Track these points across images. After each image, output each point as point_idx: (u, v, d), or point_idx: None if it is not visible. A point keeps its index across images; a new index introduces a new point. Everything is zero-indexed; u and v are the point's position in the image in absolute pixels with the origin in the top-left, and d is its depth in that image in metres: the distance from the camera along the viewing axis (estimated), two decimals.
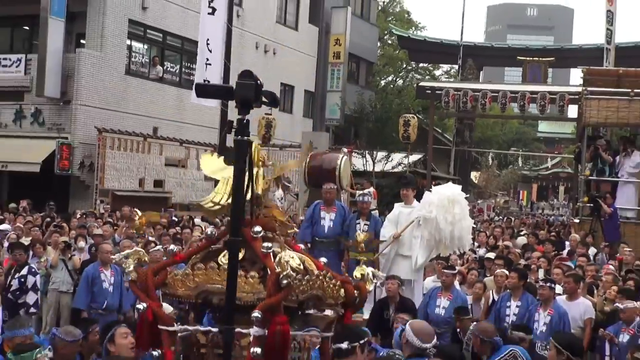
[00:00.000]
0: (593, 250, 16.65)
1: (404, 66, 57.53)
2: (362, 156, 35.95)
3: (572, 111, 31.82)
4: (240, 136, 3.28)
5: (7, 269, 11.75)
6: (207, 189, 6.46)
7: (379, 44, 53.61)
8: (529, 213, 50.84)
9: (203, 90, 4.91)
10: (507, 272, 10.73)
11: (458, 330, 9.37)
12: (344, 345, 6.13)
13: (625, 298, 9.92)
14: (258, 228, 6.25)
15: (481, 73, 46.57)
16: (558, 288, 10.46)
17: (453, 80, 45.75)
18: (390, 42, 55.85)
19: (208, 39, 21.39)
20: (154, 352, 6.59)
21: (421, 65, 57.94)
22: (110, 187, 26.81)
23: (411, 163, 37.07)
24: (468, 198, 13.17)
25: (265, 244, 6.33)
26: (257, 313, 5.78)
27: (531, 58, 39.16)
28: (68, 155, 26.79)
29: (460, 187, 12.11)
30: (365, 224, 12.10)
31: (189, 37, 27.44)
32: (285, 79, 36.07)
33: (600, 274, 12.73)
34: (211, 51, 20.42)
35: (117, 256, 6.82)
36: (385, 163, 36.07)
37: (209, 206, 6.34)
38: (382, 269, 11.50)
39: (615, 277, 11.99)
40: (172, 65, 31.26)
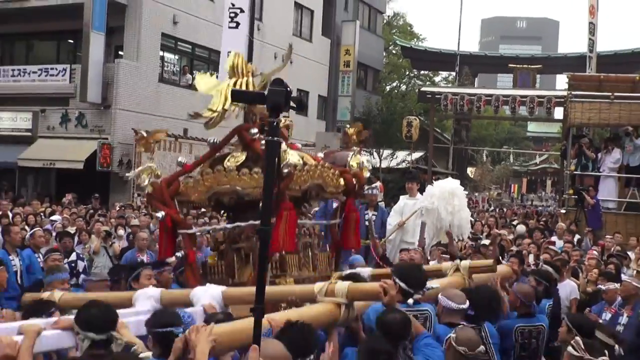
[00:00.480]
0: (577, 237, 16.62)
1: (407, 73, 57.40)
2: (370, 154, 35.97)
3: (558, 113, 31.77)
4: (271, 137, 3.27)
5: None
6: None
7: (385, 54, 53.52)
8: (520, 204, 50.69)
9: (238, 95, 4.91)
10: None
11: None
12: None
13: (606, 280, 9.89)
14: (254, 130, 6.24)
15: (476, 79, 46.33)
16: None
17: (451, 85, 45.61)
18: (394, 52, 55.70)
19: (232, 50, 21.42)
20: (178, 254, 6.61)
21: (422, 72, 57.74)
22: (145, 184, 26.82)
23: (414, 160, 37.17)
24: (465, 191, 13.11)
25: (252, 131, 6.33)
26: None
27: (521, 65, 39.09)
28: (108, 154, 26.86)
29: (458, 182, 12.08)
30: (373, 214, 12.09)
31: (215, 49, 27.36)
32: (300, 85, 35.94)
33: (584, 259, 12.71)
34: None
35: (132, 173, 6.86)
36: (390, 160, 36.09)
37: (208, 114, 6.34)
38: (389, 254, 11.52)
39: (597, 262, 11.99)
40: (201, 72, 31.24)
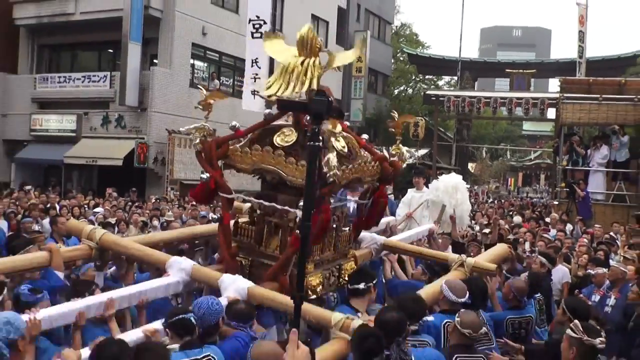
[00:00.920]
0: (569, 226, 16.57)
1: (413, 78, 57.21)
2: (380, 151, 35.97)
3: (551, 113, 31.64)
4: (313, 142, 3.26)
5: None
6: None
7: (393, 61, 53.41)
8: (516, 196, 50.60)
9: (285, 104, 4.93)
10: None
11: None
12: (361, 285, 6.03)
13: (595, 265, 9.90)
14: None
15: (476, 83, 46.05)
16: None
17: (453, 89, 45.41)
18: (402, 59, 55.52)
19: (257, 58, 21.45)
20: (203, 176, 6.58)
21: (427, 77, 57.55)
22: (178, 178, 26.92)
23: (420, 156, 37.05)
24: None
25: (309, 117, 6.18)
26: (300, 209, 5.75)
27: (516, 70, 38.99)
28: (144, 152, 26.93)
29: (461, 177, 12.06)
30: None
31: (240, 57, 27.34)
32: None
33: (575, 246, 12.67)
34: (260, 67, 20.44)
35: (186, 128, 6.78)
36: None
37: (267, 95, 6.25)
38: None
39: (587, 248, 11.96)
40: (227, 79, 31.28)
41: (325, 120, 3.54)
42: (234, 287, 5.69)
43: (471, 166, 52.32)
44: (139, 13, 26.84)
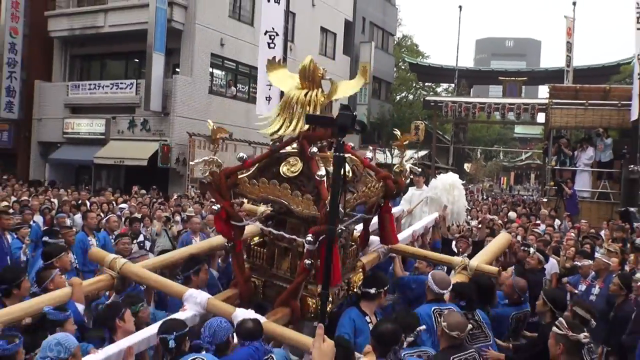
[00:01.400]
0: (558, 221, 16.54)
1: (414, 85, 57.22)
2: (383, 152, 36.17)
3: (541, 117, 31.49)
4: (338, 153, 3.29)
5: None
6: None
7: (395, 69, 53.39)
8: (508, 194, 50.37)
9: (312, 119, 4.96)
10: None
11: None
12: (373, 290, 6.01)
13: (582, 257, 9.90)
14: (314, 149, 6.02)
15: (471, 90, 46.02)
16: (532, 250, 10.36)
17: (450, 95, 45.37)
18: (403, 68, 55.53)
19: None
20: (227, 244, 6.52)
21: (427, 84, 57.47)
22: (198, 177, 26.93)
23: (420, 157, 37.07)
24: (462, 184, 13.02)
25: (312, 150, 6.08)
26: (310, 237, 5.69)
27: (509, 78, 38.98)
28: (167, 153, 26.98)
29: (457, 176, 12.03)
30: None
31: (255, 66, 27.30)
32: None
33: (563, 240, 12.65)
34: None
35: (195, 162, 6.68)
36: (400, 157, 35.99)
37: (270, 133, 6.17)
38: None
39: (574, 242, 11.93)
40: (243, 86, 31.29)
41: (348, 132, 3.55)
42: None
43: (467, 166, 52.19)
44: (163, 26, 26.91)
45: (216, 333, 4.82)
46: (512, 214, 19.08)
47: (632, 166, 17.67)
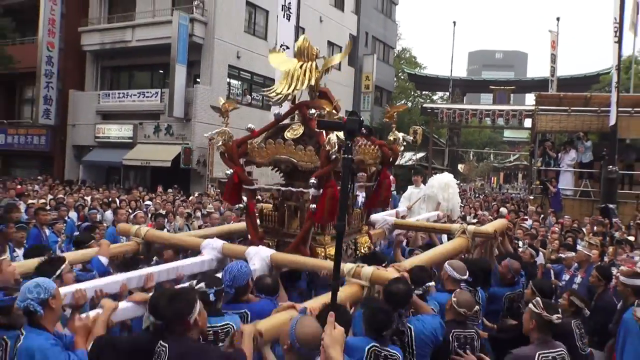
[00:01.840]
0: (543, 217, 16.52)
1: (412, 93, 57.10)
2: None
3: (528, 123, 31.39)
4: (346, 155, 3.32)
5: None
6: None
7: (395, 79, 53.31)
8: (498, 192, 50.22)
9: (324, 124, 5.05)
10: None
11: None
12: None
13: (566, 250, 9.86)
14: (312, 110, 6.14)
15: (464, 98, 45.87)
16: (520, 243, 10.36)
17: (445, 102, 45.24)
18: (402, 78, 55.40)
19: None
20: (239, 205, 6.57)
21: (424, 92, 57.31)
22: (217, 176, 26.97)
23: (418, 158, 37.02)
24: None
25: (311, 111, 6.21)
26: (314, 179, 5.73)
27: (498, 87, 38.83)
28: (189, 155, 27.06)
29: (452, 176, 12.04)
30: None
31: (268, 76, 27.39)
32: None
33: (548, 234, 12.63)
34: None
35: (209, 134, 6.78)
36: (400, 159, 35.86)
37: (273, 95, 6.27)
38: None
39: (559, 236, 11.91)
40: (257, 95, 31.33)
41: (356, 136, 3.59)
42: (259, 256, 5.64)
43: (461, 167, 52.06)
44: (185, 40, 26.99)
45: (236, 277, 4.79)
46: (504, 210, 19.05)
47: (611, 167, 17.64)
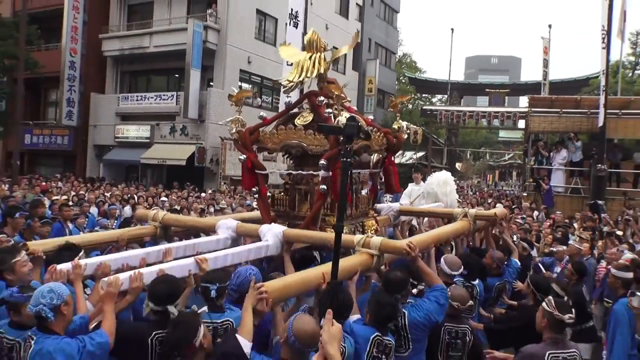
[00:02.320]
0: (536, 212, 16.45)
1: (413, 96, 57.03)
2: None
3: (521, 124, 31.40)
4: (345, 159, 3.29)
5: None
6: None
7: (397, 82, 53.25)
8: (494, 189, 50.10)
9: (324, 128, 5.14)
10: None
11: None
12: None
13: (558, 244, 9.82)
14: (321, 97, 6.12)
15: (462, 100, 45.90)
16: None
17: (444, 105, 45.19)
18: (403, 81, 55.39)
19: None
20: (253, 189, 6.53)
21: (424, 95, 57.33)
22: (229, 174, 27.00)
23: (418, 157, 36.94)
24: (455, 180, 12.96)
25: (319, 98, 6.20)
26: (323, 161, 5.69)
27: (494, 90, 38.78)
28: (203, 154, 27.07)
29: (450, 173, 11.99)
30: (390, 197, 12.02)
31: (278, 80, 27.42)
32: None
33: (541, 228, 12.58)
34: (290, 97, 20.39)
35: (224, 121, 6.77)
36: (401, 158, 35.91)
37: (286, 83, 6.25)
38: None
39: (550, 230, 11.85)
40: (267, 97, 31.33)
41: (354, 140, 3.56)
42: (272, 232, 5.54)
43: (458, 165, 51.96)
44: (199, 46, 27.01)
45: (243, 283, 4.54)
46: (499, 206, 19.03)
47: (600, 165, 17.55)
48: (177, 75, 29.84)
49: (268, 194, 6.72)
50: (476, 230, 7.17)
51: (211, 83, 28.73)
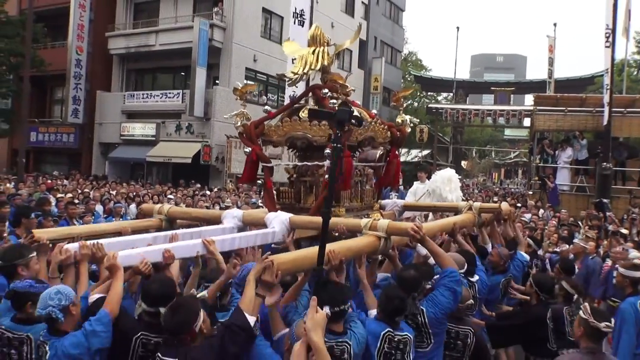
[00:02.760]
0: (541, 211, 16.40)
1: (418, 94, 56.86)
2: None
3: (527, 122, 31.21)
4: (336, 144, 3.27)
5: None
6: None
7: (402, 81, 53.13)
8: (499, 187, 50.00)
9: (314, 112, 5.04)
10: None
11: None
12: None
13: (563, 242, 9.80)
14: (325, 90, 6.13)
15: (467, 98, 45.60)
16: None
17: (450, 103, 45.09)
18: (409, 79, 55.20)
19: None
20: (259, 181, 6.53)
21: (429, 93, 57.14)
22: (234, 172, 27.01)
23: (423, 155, 36.94)
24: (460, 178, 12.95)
25: (324, 90, 6.21)
26: (328, 150, 5.68)
27: (499, 88, 38.57)
28: (208, 152, 27.12)
29: (454, 171, 11.96)
30: (395, 195, 12.01)
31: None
32: None
33: (546, 227, 12.55)
34: (297, 87, 20.35)
35: (229, 115, 6.78)
36: (406, 156, 35.92)
37: (291, 75, 6.27)
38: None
39: (556, 229, 11.83)
40: (272, 95, 31.35)
41: (346, 125, 3.52)
42: (279, 219, 5.53)
43: (464, 163, 51.92)
44: (205, 45, 27.04)
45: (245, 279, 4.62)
46: (504, 204, 18.98)
47: (605, 164, 17.49)
48: (183, 73, 29.90)
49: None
50: (481, 224, 7.12)
51: (217, 81, 28.77)
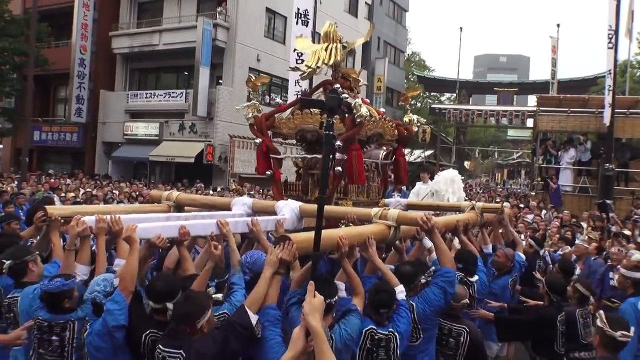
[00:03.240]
0: (544, 212, 16.41)
1: (422, 95, 56.91)
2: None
3: (530, 123, 31.30)
4: (328, 132, 3.29)
5: None
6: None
7: (405, 81, 53.18)
8: (502, 188, 49.97)
9: (306, 102, 5.08)
10: None
11: None
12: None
13: (565, 244, 9.81)
14: (337, 85, 6.17)
15: (471, 99, 45.65)
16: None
17: (453, 103, 45.08)
18: (412, 80, 55.27)
19: (299, 80, 21.43)
20: (268, 172, 6.56)
21: (432, 94, 57.16)
22: (237, 172, 27.05)
23: (427, 156, 36.95)
24: (463, 179, 12.94)
25: (336, 85, 6.22)
26: (339, 142, 5.73)
27: (503, 89, 38.53)
28: (211, 152, 27.13)
29: (457, 172, 11.98)
30: (398, 195, 12.03)
31: (286, 78, 27.33)
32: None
33: (548, 228, 12.55)
34: (301, 86, 20.40)
35: (241, 106, 6.83)
36: (410, 156, 35.87)
37: (304, 69, 6.32)
38: None
39: (558, 230, 11.82)
40: (276, 95, 31.32)
41: (337, 113, 3.57)
42: (289, 207, 5.54)
43: (467, 164, 51.86)
44: (209, 44, 27.08)
45: (256, 262, 4.62)
46: (507, 205, 18.98)
47: (608, 165, 17.48)
48: (187, 73, 29.93)
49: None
50: (484, 224, 7.12)
51: (220, 81, 28.76)
